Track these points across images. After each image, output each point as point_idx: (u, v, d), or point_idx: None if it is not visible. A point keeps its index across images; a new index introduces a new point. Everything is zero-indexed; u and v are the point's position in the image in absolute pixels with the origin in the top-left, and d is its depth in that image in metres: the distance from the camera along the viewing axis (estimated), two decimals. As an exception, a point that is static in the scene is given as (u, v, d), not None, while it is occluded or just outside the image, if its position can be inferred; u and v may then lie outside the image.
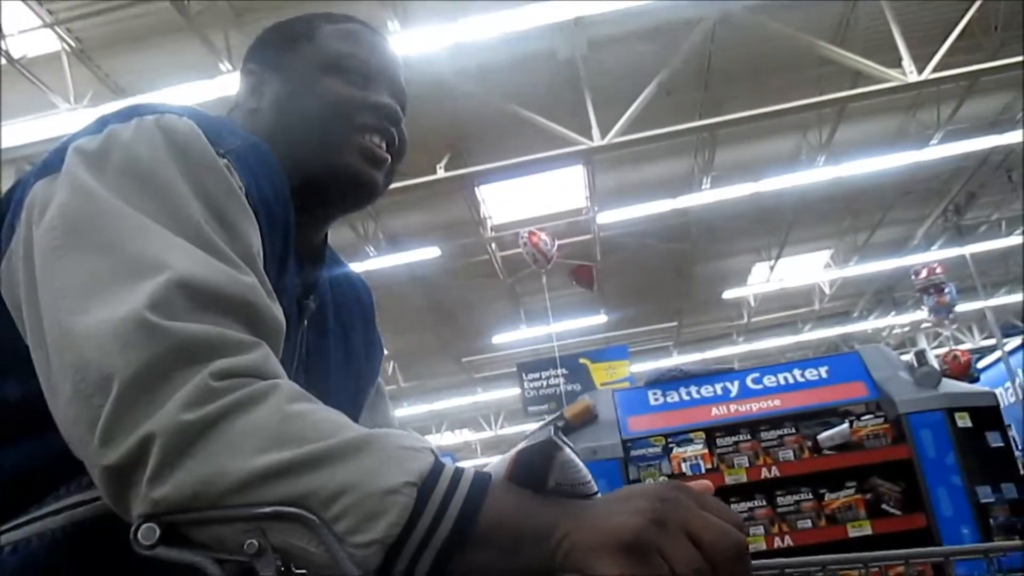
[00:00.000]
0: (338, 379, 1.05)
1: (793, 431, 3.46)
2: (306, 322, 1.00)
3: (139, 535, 0.60)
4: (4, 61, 6.07)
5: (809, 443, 3.43)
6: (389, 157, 1.02)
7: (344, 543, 0.58)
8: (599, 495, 0.68)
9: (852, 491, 3.31)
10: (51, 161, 0.78)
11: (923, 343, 15.72)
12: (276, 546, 0.60)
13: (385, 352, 1.23)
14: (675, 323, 15.01)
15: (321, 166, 0.97)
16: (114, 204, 0.71)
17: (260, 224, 0.79)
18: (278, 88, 1.00)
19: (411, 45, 5.70)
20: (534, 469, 0.65)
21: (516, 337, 13.38)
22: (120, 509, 0.63)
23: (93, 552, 0.69)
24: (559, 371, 10.62)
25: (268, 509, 0.59)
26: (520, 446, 0.66)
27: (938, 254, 12.06)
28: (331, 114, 0.97)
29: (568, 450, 0.65)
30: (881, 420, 3.34)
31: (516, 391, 11.72)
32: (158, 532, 0.60)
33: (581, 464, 0.67)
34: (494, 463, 0.69)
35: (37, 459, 0.72)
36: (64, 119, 6.43)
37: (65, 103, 6.47)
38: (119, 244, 0.68)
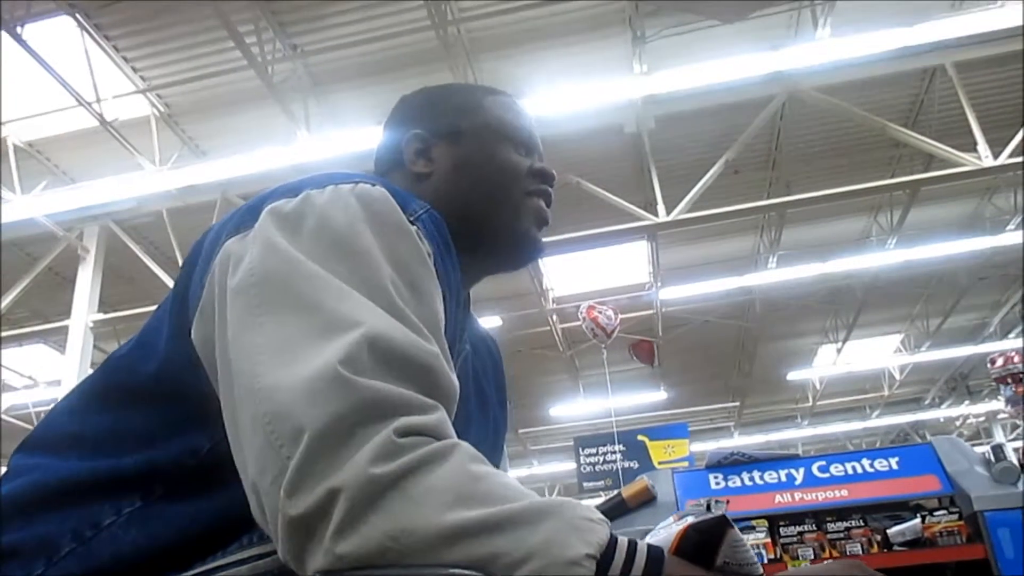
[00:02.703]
0: (477, 427, 1.06)
1: (861, 523, 3.31)
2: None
3: None
4: (98, 123, 6.38)
5: (878, 537, 3.27)
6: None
7: None
8: None
9: (924, 591, 3.14)
10: (242, 220, 0.81)
11: (999, 435, 15.04)
12: None
13: None
14: (737, 403, 14.68)
15: (500, 230, 1.02)
16: (310, 266, 0.73)
17: (443, 287, 0.82)
18: (455, 154, 1.04)
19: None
20: (704, 546, 0.64)
21: (574, 411, 13.24)
22: (296, 561, 0.63)
23: None
24: (616, 447, 10.42)
25: (454, 571, 0.59)
26: (688, 520, 0.65)
27: (1016, 342, 11.61)
28: (511, 180, 1.04)
29: (737, 530, 0.64)
30: (955, 516, 3.17)
31: (571, 465, 11.53)
32: None
33: (748, 546, 0.65)
34: (654, 539, 0.68)
35: (221, 509, 0.74)
36: (150, 179, 6.72)
37: (151, 164, 6.76)
38: (316, 303, 0.70)
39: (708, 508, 0.66)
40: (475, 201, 1.01)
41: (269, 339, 0.69)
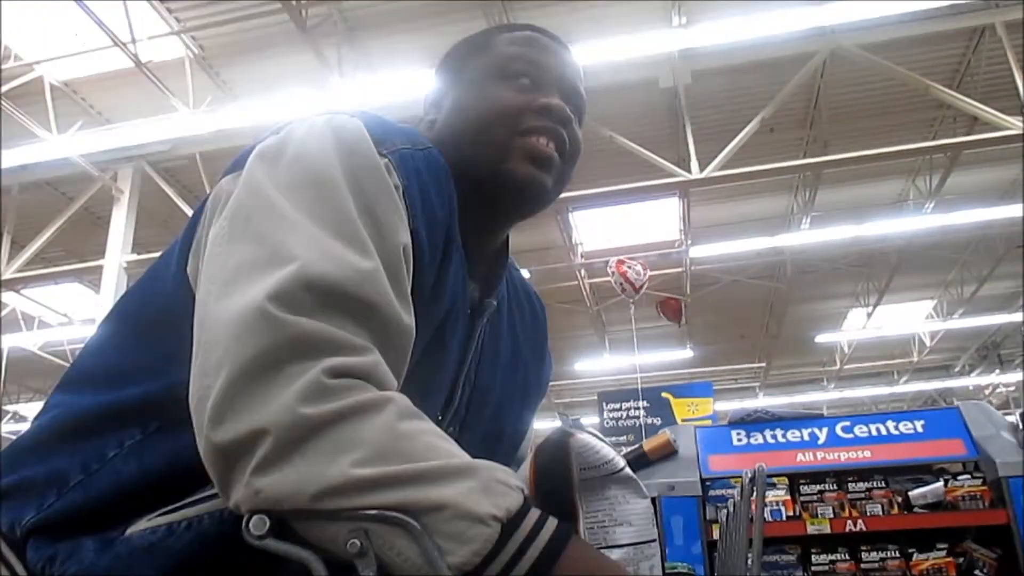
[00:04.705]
0: (505, 381, 1.06)
1: (883, 485, 3.31)
2: (486, 319, 1.02)
3: (250, 525, 0.62)
4: (132, 64, 6.39)
5: (899, 499, 3.27)
6: (557, 157, 1.00)
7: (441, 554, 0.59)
8: (626, 470, 0.66)
9: (943, 553, 3.13)
10: (239, 160, 0.85)
11: (1029, 405, 14.88)
12: (376, 550, 0.60)
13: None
14: (763, 364, 14.64)
15: (488, 172, 0.97)
16: (273, 198, 0.75)
17: (417, 224, 0.82)
18: (453, 99, 1.03)
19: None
20: (557, 461, 0.67)
21: (599, 366, 13.28)
22: (221, 489, 0.65)
23: None
24: (640, 403, 10.46)
25: (375, 512, 0.60)
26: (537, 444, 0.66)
27: (1051, 312, 11.45)
28: (496, 119, 0.97)
29: (583, 434, 0.65)
30: (979, 481, 3.16)
31: (595, 420, 11.62)
32: (268, 524, 0.62)
33: (600, 444, 0.67)
34: (518, 472, 0.69)
35: None
36: (183, 122, 6.75)
37: (185, 107, 6.78)
38: (266, 236, 0.72)
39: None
40: (466, 143, 0.97)
41: (222, 269, 0.72)
